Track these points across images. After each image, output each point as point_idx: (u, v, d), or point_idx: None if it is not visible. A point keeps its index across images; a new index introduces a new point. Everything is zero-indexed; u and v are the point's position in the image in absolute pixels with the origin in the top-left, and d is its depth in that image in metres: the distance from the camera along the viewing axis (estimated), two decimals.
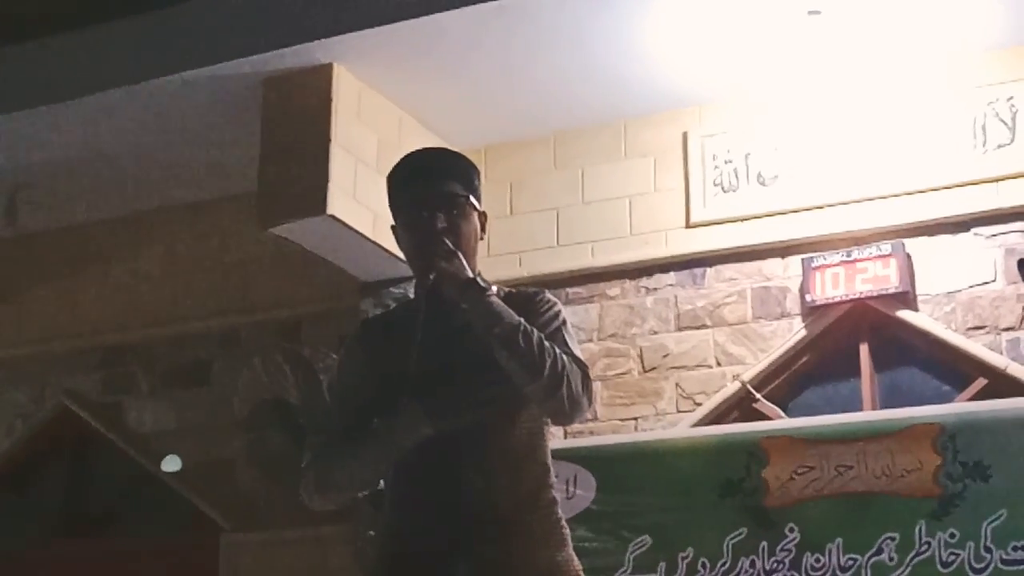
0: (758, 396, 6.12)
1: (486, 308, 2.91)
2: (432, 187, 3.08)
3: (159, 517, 7.49)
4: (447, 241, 2.98)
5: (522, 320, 2.91)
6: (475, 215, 3.10)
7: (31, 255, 7.90)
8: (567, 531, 3.05)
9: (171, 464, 7.28)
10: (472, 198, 3.09)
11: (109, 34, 6.37)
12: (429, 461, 2.98)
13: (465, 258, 3.00)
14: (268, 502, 6.86)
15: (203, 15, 6.18)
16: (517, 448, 3.00)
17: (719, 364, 6.23)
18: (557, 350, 2.90)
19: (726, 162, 6.34)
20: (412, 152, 3.22)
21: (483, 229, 3.15)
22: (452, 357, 2.96)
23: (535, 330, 2.91)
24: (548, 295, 3.12)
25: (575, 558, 3.02)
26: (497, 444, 2.98)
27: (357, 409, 3.06)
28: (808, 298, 6.07)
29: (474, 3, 5.64)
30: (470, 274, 2.95)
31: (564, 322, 3.05)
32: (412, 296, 3.25)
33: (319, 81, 6.12)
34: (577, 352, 2.99)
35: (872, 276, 5.95)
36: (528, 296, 3.11)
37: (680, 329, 6.34)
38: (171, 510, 7.37)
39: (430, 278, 2.98)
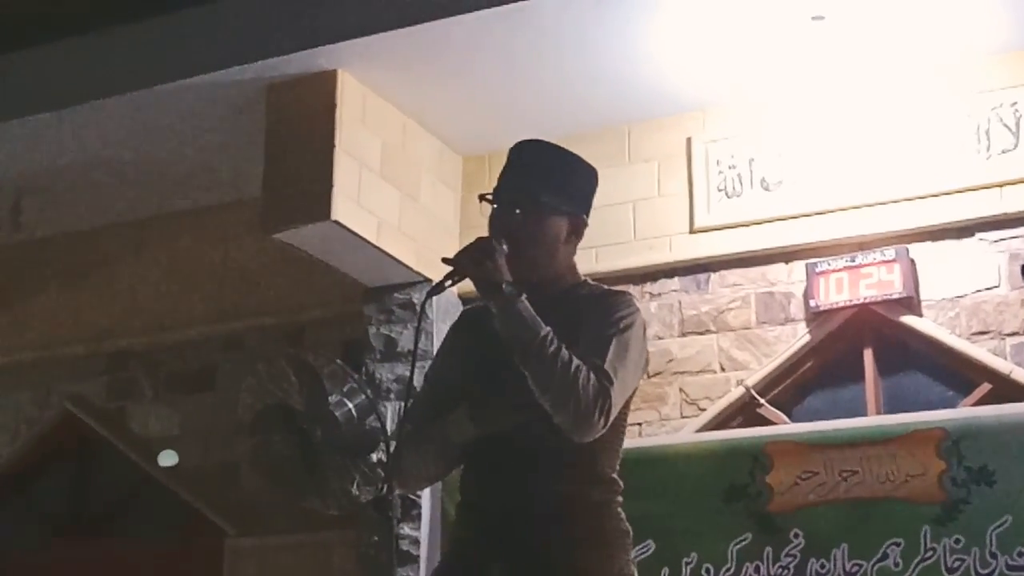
0: (762, 401, 6.12)
1: (509, 315, 2.93)
2: (512, 184, 3.13)
3: (163, 522, 7.49)
4: (493, 243, 3.00)
5: (546, 332, 2.90)
6: (555, 220, 3.11)
7: (35, 260, 7.91)
8: (622, 537, 3.04)
9: (167, 458, 7.28)
10: (555, 204, 3.10)
11: (113, 40, 6.37)
12: (480, 462, 3.07)
13: (527, 262, 3.04)
14: (272, 507, 6.86)
15: (207, 21, 6.19)
16: (565, 451, 2.97)
17: (723, 369, 6.22)
18: (575, 363, 2.88)
19: (730, 167, 6.34)
20: (525, 140, 3.25)
21: (576, 235, 3.17)
22: (502, 362, 2.97)
23: (555, 342, 2.89)
24: (629, 300, 3.10)
25: (624, 564, 3.01)
26: (544, 447, 2.98)
27: (440, 401, 3.12)
28: (812, 303, 6.06)
29: (478, 8, 5.65)
30: (501, 279, 2.94)
31: (624, 329, 3.01)
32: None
33: (323, 86, 6.12)
34: (615, 365, 2.95)
35: (876, 281, 5.94)
36: (607, 295, 3.13)
37: (684, 334, 6.34)
38: (175, 515, 7.38)
39: (445, 284, 3.01)
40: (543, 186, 3.12)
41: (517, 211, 3.09)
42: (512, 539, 2.97)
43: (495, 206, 3.15)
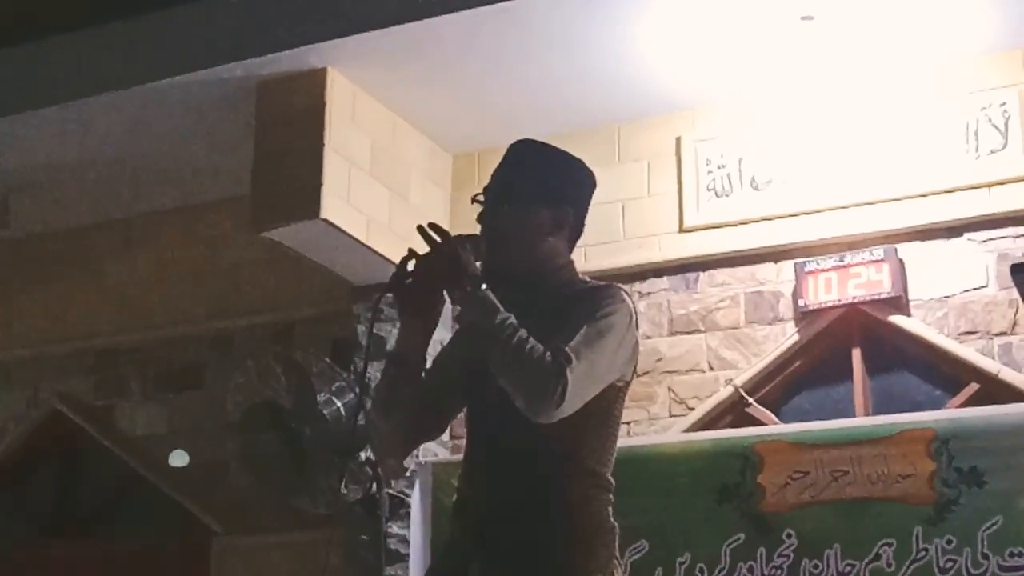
0: (751, 401, 6.13)
1: (469, 304, 2.94)
2: (497, 179, 3.18)
3: (151, 520, 7.47)
4: (461, 239, 3.02)
5: (504, 317, 2.89)
6: (535, 210, 3.12)
7: (24, 258, 7.88)
8: (605, 534, 3.00)
9: (178, 459, 7.26)
10: (533, 194, 3.12)
11: (103, 38, 6.35)
12: (469, 457, 3.11)
13: (508, 254, 3.07)
14: (260, 506, 6.85)
15: (197, 19, 6.17)
16: (544, 444, 2.95)
17: (712, 369, 6.23)
18: (531, 344, 2.84)
19: (719, 167, 6.34)
20: (518, 140, 3.29)
21: (559, 227, 3.16)
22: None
23: (512, 326, 2.87)
24: (614, 293, 3.08)
25: (604, 561, 2.97)
26: (522, 440, 2.95)
27: (430, 385, 3.16)
28: (801, 303, 6.07)
29: (468, 7, 5.64)
30: (465, 270, 2.95)
31: (601, 318, 2.97)
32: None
33: (313, 85, 6.11)
34: (580, 348, 2.88)
35: (865, 281, 5.95)
36: (594, 289, 3.12)
37: (673, 334, 6.34)
38: (163, 513, 7.36)
39: (404, 284, 3.06)
40: (522, 177, 3.14)
41: (506, 206, 3.11)
42: (491, 534, 2.97)
43: (486, 202, 3.19)
